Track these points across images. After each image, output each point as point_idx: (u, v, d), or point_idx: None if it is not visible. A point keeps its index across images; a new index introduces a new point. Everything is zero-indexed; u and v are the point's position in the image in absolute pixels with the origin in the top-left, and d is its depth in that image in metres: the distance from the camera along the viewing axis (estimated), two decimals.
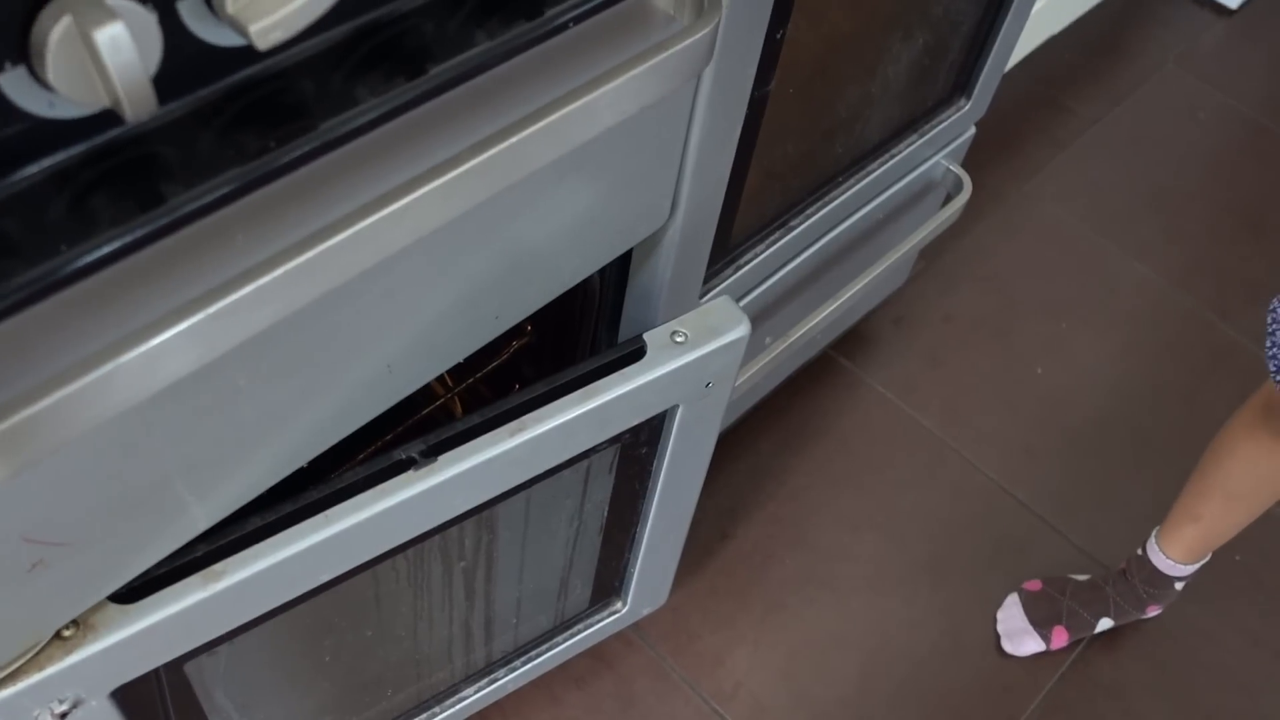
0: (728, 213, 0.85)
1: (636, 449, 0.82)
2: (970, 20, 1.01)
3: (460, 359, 0.68)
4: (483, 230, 0.59)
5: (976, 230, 1.60)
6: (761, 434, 1.35)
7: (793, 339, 1.05)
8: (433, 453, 0.66)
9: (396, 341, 0.60)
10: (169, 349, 0.43)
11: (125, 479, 0.51)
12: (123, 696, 0.62)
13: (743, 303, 1.01)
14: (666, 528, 0.96)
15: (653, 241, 0.80)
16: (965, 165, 1.21)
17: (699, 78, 0.67)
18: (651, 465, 0.85)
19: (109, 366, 0.41)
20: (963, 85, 1.10)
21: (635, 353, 0.73)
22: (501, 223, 0.60)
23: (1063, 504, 1.33)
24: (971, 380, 1.44)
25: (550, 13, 0.51)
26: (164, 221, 0.41)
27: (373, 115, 0.46)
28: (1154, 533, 1.17)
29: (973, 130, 1.20)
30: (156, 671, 0.63)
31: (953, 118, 1.12)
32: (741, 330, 0.75)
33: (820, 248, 1.07)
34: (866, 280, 1.10)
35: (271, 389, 0.55)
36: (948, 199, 1.23)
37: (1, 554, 0.49)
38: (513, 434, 0.68)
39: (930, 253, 1.55)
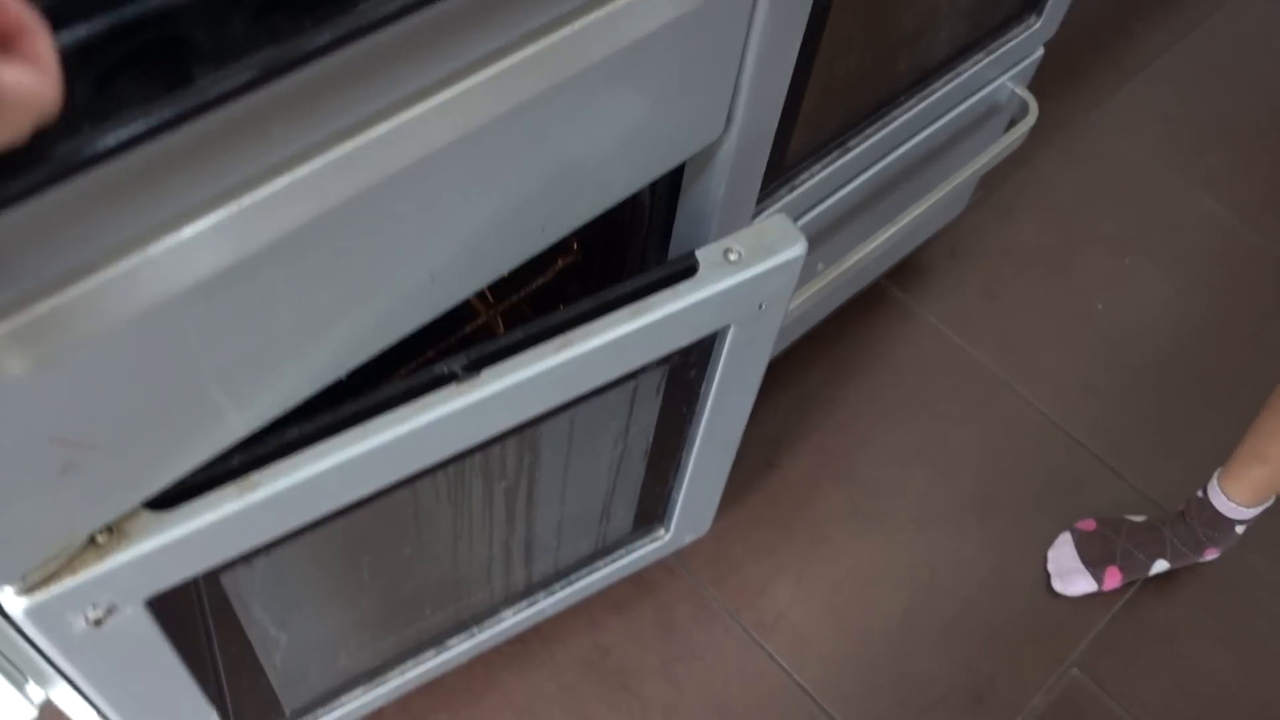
0: (785, 129, 0.81)
1: (685, 371, 0.79)
2: None
3: (505, 271, 0.65)
4: (530, 132, 0.56)
5: (1038, 159, 1.54)
6: (811, 363, 1.32)
7: (846, 265, 1.01)
8: (475, 367, 0.64)
9: (439, 248, 0.58)
10: (200, 242, 0.41)
11: (156, 381, 0.49)
12: (158, 605, 0.61)
13: (801, 223, 0.98)
14: (713, 454, 0.93)
15: (706, 156, 0.77)
16: (1030, 90, 1.16)
17: None
18: (700, 389, 0.83)
19: (136, 259, 0.39)
20: (1033, 0, 1.05)
21: (686, 270, 0.70)
22: (550, 125, 0.57)
23: (1120, 443, 1.30)
24: (1029, 315, 1.40)
25: None
26: (194, 104, 0.38)
27: None
28: (1216, 474, 1.14)
29: (1040, 52, 1.15)
30: (192, 582, 0.62)
31: (1021, 36, 1.06)
32: (798, 250, 0.72)
33: (878, 171, 1.03)
34: (925, 206, 1.06)
35: (309, 292, 0.52)
36: (1011, 124, 1.17)
37: (32, 455, 0.47)
38: (558, 350, 0.65)
39: (989, 181, 1.49)
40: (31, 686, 0.94)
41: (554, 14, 0.47)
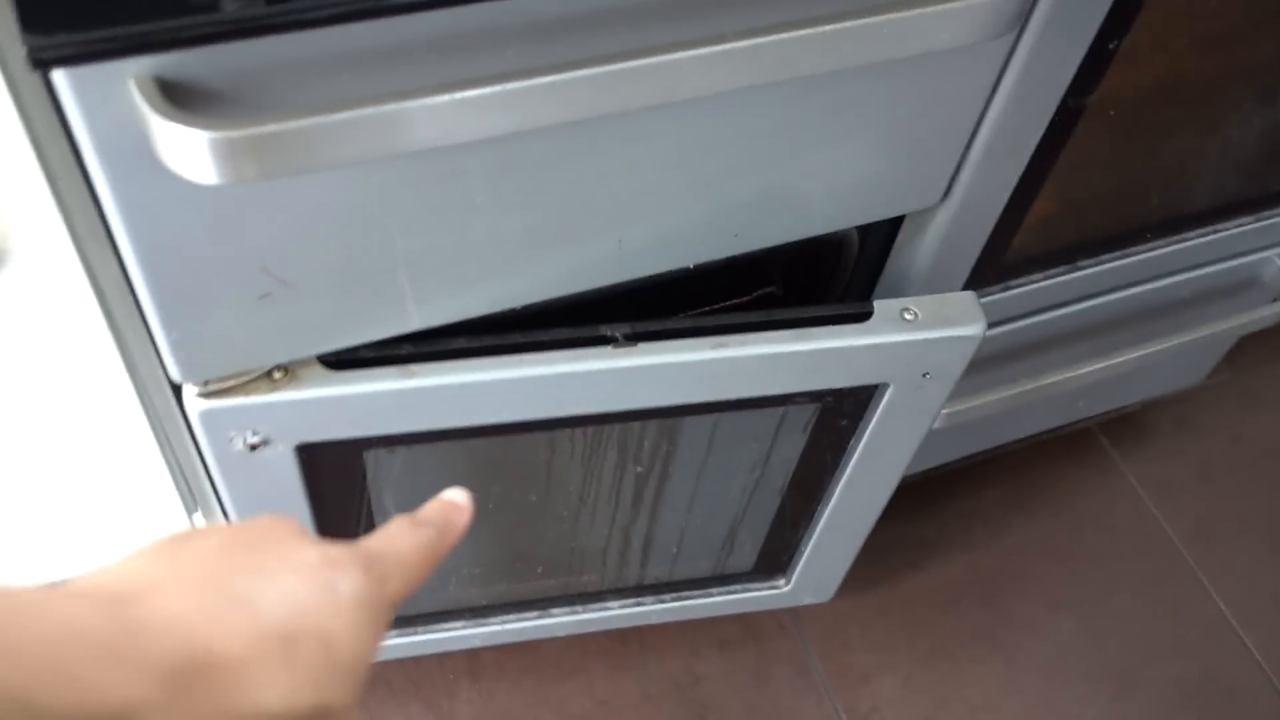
0: (1009, 222, 0.82)
1: (837, 418, 0.81)
2: None
3: (690, 263, 0.70)
4: (745, 131, 0.61)
5: None
6: (992, 482, 1.30)
7: (1041, 383, 1.00)
8: (635, 338, 0.69)
9: (630, 214, 0.63)
10: (446, 113, 0.46)
11: (356, 245, 0.57)
12: (306, 455, 0.69)
13: (1007, 328, 0.98)
14: (849, 516, 0.94)
15: (919, 224, 0.79)
16: None
17: (1005, 66, 0.66)
18: (848, 442, 0.84)
19: (393, 108, 0.45)
20: None
21: (860, 315, 0.72)
22: (767, 131, 0.62)
23: None
24: (1241, 508, 1.31)
25: None
26: None
27: None
28: None
29: None
30: (339, 445, 0.70)
31: None
32: (976, 329, 0.73)
33: (1107, 302, 1.01)
34: (1141, 353, 1.03)
35: (503, 214, 0.59)
36: (1275, 302, 1.12)
37: (240, 272, 0.55)
38: (714, 347, 0.69)
39: (1241, 364, 1.42)
40: (198, 517, 1.06)
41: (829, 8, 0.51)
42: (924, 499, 1.27)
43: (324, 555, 0.35)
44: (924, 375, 0.76)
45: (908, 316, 0.72)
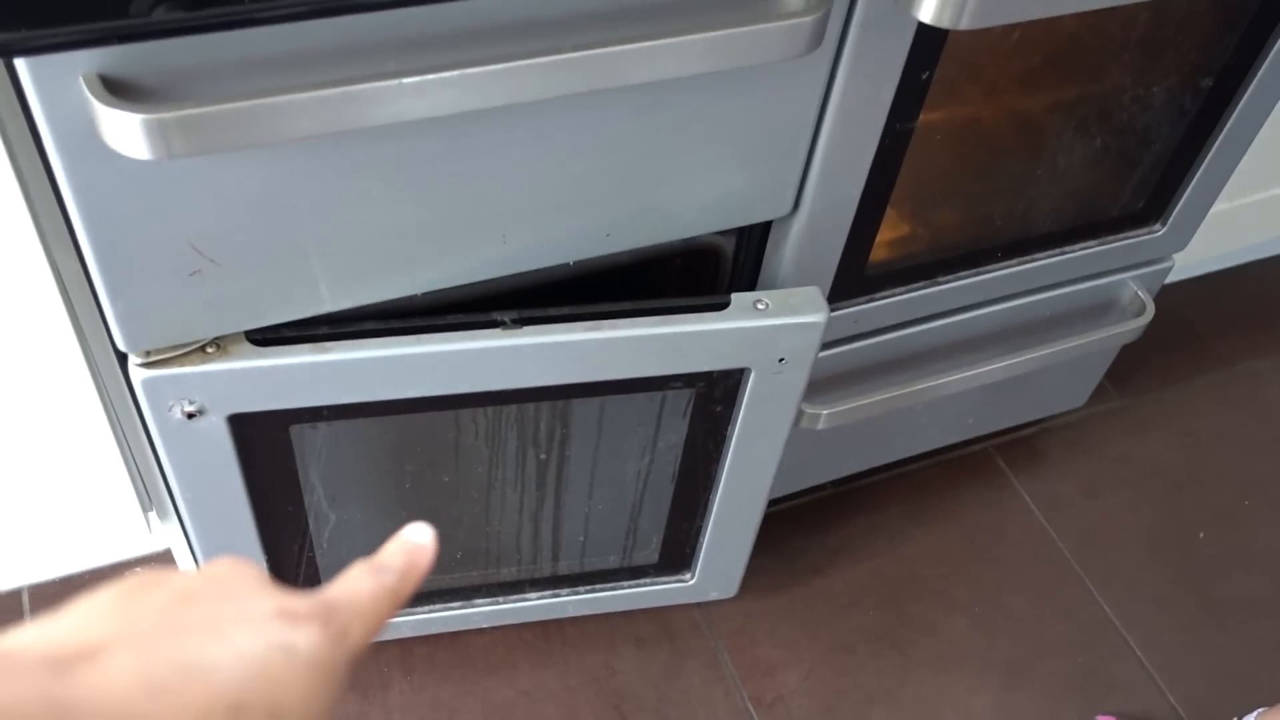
0: (861, 235, 0.95)
1: (711, 404, 0.92)
2: (1164, 141, 1.05)
3: (569, 259, 0.82)
4: (605, 139, 0.73)
5: (1191, 385, 1.58)
6: (895, 498, 1.40)
7: (915, 389, 1.11)
8: (521, 322, 0.80)
9: (511, 212, 0.75)
10: (325, 105, 0.59)
11: (271, 229, 0.68)
12: (237, 426, 0.80)
13: (878, 339, 1.09)
14: (737, 505, 1.05)
15: (781, 234, 0.91)
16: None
17: (829, 88, 0.78)
18: (725, 428, 0.95)
19: (287, 99, 0.57)
20: (1157, 209, 1.13)
21: (719, 305, 0.84)
22: (624, 140, 0.74)
23: (1173, 662, 1.29)
24: (1124, 520, 1.42)
25: None
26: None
27: None
28: (1256, 713, 1.13)
29: (1172, 262, 1.22)
30: (266, 419, 0.81)
31: (1140, 238, 1.15)
32: (818, 317, 0.85)
33: (971, 319, 1.13)
34: (1007, 364, 1.15)
35: (397, 207, 0.71)
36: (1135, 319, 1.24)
37: (171, 252, 0.67)
38: (588, 330, 0.81)
39: (1129, 389, 1.54)
40: (153, 516, 1.15)
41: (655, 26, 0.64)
42: (831, 512, 1.38)
43: (282, 609, 0.34)
44: (780, 360, 0.87)
45: (760, 306, 0.84)
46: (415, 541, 0.39)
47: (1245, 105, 1.03)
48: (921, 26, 0.77)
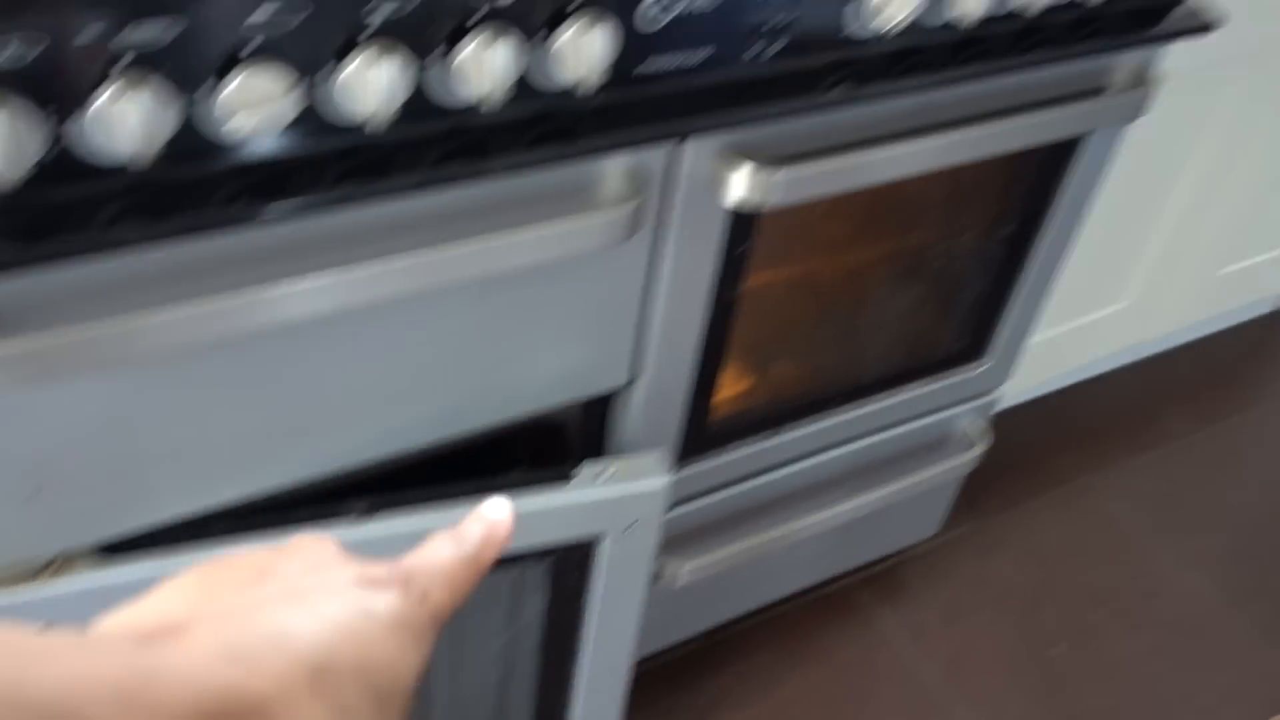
0: (702, 395, 0.99)
1: (566, 573, 0.94)
2: (977, 284, 1.14)
3: (416, 445, 0.84)
4: (444, 331, 0.77)
5: (1035, 504, 1.66)
6: (765, 644, 1.43)
7: (765, 537, 1.15)
8: (373, 509, 0.82)
9: (358, 404, 0.77)
10: (137, 331, 0.61)
11: (112, 445, 0.69)
12: None
13: (730, 492, 1.13)
14: (604, 671, 1.05)
15: (624, 402, 0.95)
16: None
17: (650, 264, 0.84)
18: (583, 598, 0.97)
19: (117, 325, 0.59)
20: (978, 346, 1.22)
21: (562, 477, 0.87)
22: (463, 330, 0.77)
23: None
24: (984, 643, 1.47)
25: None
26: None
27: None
28: None
29: (999, 394, 1.31)
30: None
31: (966, 375, 1.23)
32: (660, 483, 0.88)
33: (814, 465, 1.19)
34: (855, 505, 1.20)
35: (240, 411, 0.72)
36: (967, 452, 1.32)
37: (9, 476, 0.67)
38: (439, 512, 0.82)
39: (979, 513, 1.61)
40: None
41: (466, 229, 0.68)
42: (704, 664, 1.39)
43: (361, 575, 0.34)
44: (629, 525, 0.90)
45: (604, 476, 0.87)
46: (493, 517, 0.40)
47: (1044, 247, 1.13)
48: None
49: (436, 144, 0.67)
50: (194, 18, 0.55)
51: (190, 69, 0.56)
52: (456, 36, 0.63)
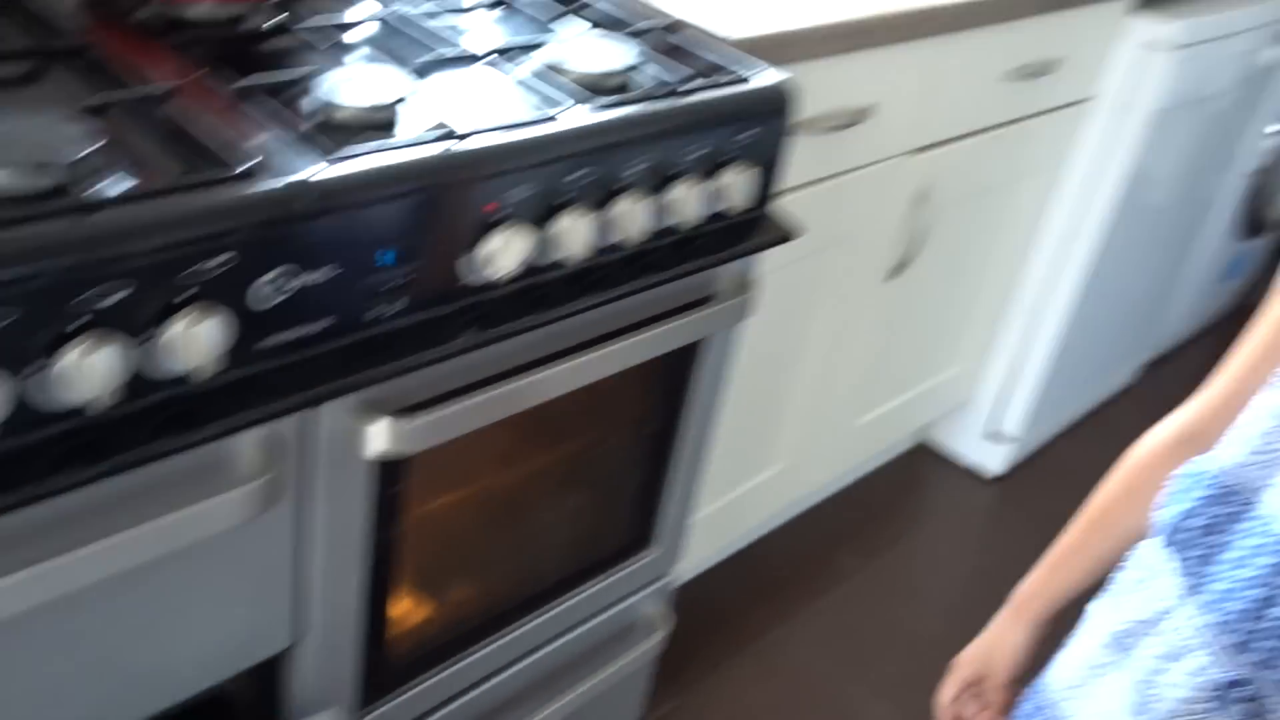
0: (376, 637, 0.98)
1: None
2: (633, 479, 1.21)
3: None
4: (83, 622, 0.72)
5: (733, 666, 1.73)
6: None
7: None
8: None
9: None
10: None
11: None
12: None
13: None
14: None
15: (292, 663, 0.92)
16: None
17: (297, 526, 0.84)
18: None
19: None
20: (645, 535, 1.28)
21: None
22: (108, 617, 0.73)
23: None
24: None
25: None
26: None
27: None
28: None
29: (674, 575, 1.37)
30: None
31: (639, 564, 1.28)
32: None
33: (505, 680, 1.18)
34: (542, 715, 1.20)
35: None
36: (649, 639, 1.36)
37: None
38: None
39: (683, 686, 1.66)
40: None
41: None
42: None
43: None
44: None
45: None
46: None
47: (689, 437, 1.21)
48: None
49: (54, 445, 0.65)
50: None
51: None
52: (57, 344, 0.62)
